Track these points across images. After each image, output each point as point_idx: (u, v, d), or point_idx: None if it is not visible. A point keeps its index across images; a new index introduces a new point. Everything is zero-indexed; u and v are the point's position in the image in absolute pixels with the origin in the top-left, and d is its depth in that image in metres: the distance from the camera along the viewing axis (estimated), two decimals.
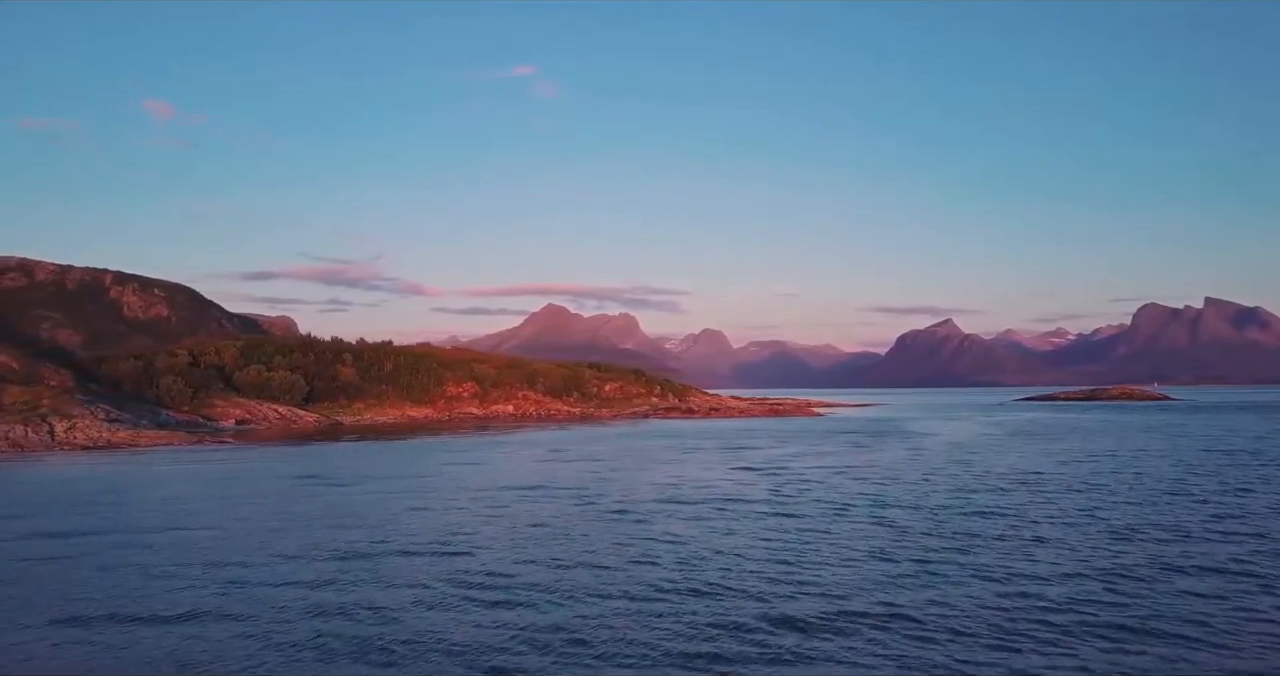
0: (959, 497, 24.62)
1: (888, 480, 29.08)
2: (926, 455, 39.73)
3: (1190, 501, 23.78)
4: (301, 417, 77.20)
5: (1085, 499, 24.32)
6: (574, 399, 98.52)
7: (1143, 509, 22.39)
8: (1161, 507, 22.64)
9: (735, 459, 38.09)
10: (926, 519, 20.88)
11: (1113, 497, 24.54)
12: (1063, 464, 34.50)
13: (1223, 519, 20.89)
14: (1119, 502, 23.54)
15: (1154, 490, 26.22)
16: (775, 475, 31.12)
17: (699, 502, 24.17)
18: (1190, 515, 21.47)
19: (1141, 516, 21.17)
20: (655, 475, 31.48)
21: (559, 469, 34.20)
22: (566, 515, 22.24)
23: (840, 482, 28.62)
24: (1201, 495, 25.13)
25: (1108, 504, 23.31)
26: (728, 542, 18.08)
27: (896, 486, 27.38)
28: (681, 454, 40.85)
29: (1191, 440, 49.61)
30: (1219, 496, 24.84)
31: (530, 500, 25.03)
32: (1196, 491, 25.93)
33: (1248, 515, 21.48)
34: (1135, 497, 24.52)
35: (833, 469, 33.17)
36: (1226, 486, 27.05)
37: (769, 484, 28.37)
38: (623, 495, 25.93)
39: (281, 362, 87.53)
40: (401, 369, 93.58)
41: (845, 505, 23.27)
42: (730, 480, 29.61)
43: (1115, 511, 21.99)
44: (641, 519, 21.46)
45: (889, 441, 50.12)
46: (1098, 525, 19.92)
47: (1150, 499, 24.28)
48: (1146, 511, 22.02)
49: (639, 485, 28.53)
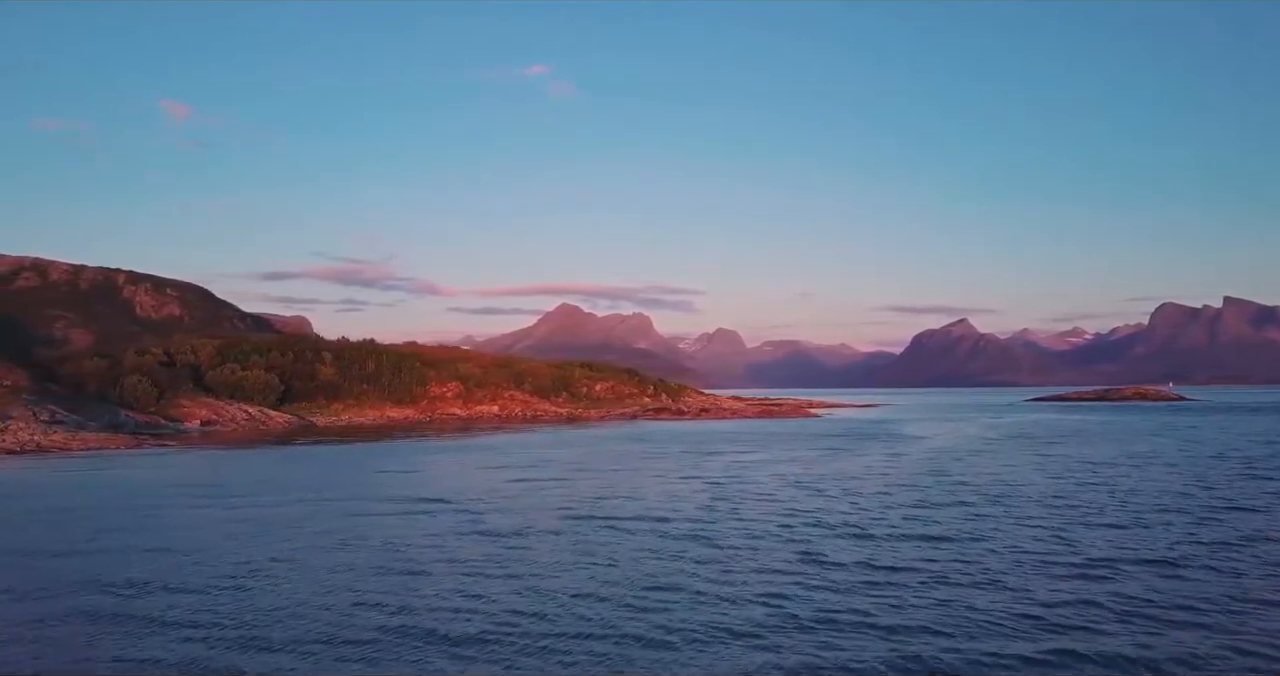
0: (914, 518, 21.18)
1: (843, 494, 25.67)
2: (903, 462, 36.28)
3: (1187, 523, 20.30)
4: (271, 418, 74.20)
5: (1062, 519, 20.85)
6: (563, 399, 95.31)
7: (1127, 534, 18.91)
8: (1151, 532, 19.18)
9: (693, 467, 34.73)
10: (860, 547, 17.48)
11: (1096, 518, 21.06)
12: (1050, 474, 30.99)
13: (1221, 546, 17.44)
14: (1101, 525, 20.06)
15: (1147, 507, 22.74)
16: (721, 486, 27.75)
17: (603, 521, 20.81)
18: (1183, 540, 18.04)
19: (1122, 545, 17.72)
20: (587, 486, 28.16)
21: (486, 478, 30.93)
22: (427, 536, 18.97)
23: (789, 496, 25.24)
24: (1200, 513, 21.65)
25: (1088, 527, 19.86)
26: (578, 580, 14.73)
27: (848, 502, 23.96)
28: (639, 461, 37.50)
29: (1200, 445, 45.97)
30: (1220, 515, 21.35)
31: (408, 519, 21.73)
32: (1196, 509, 22.45)
33: (1251, 540, 18.02)
34: (1122, 518, 21.04)
35: (790, 479, 29.78)
36: (1230, 502, 23.52)
37: (706, 498, 25.00)
38: (523, 512, 22.59)
39: (258, 362, 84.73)
40: (383, 368, 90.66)
41: (773, 527, 19.88)
42: (667, 493, 26.25)
43: (1094, 537, 18.53)
44: (511, 544, 18.17)
45: (871, 446, 46.66)
46: (1068, 557, 16.48)
47: (1139, 519, 20.79)
48: (1130, 537, 18.56)
49: (553, 499, 25.20)
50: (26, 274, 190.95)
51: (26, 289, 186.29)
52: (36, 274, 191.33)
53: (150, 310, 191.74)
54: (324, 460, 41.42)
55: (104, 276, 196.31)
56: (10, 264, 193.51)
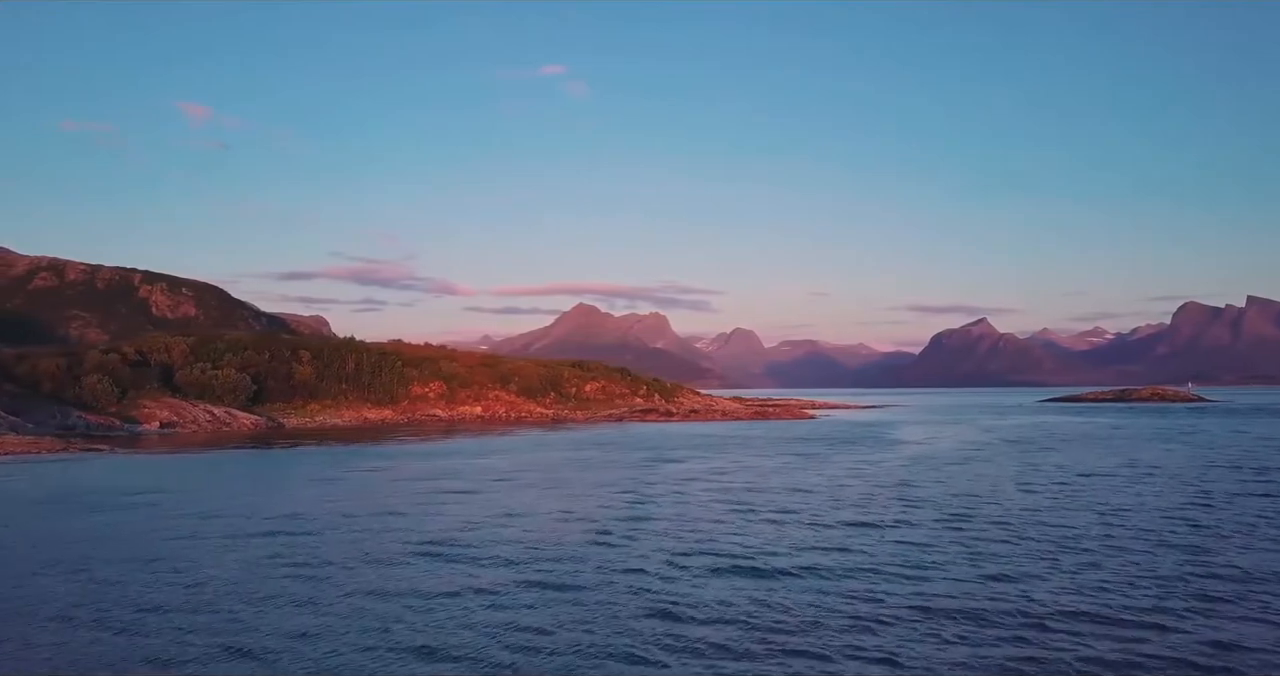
0: (837, 548, 17.53)
1: (774, 515, 21.98)
2: (871, 472, 32.54)
3: (1175, 560, 16.55)
4: (237, 420, 71.12)
5: (1018, 552, 17.16)
6: (550, 400, 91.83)
7: (1091, 576, 15.20)
8: (1126, 572, 15.50)
9: (632, 479, 31.10)
10: (731, 591, 13.89)
11: (1062, 552, 17.34)
12: (1029, 490, 27.18)
13: (1211, 598, 13.75)
14: (1064, 561, 16.35)
15: (1130, 535, 19.01)
16: (642, 505, 24.09)
17: (438, 555, 17.22)
18: (1164, 584, 14.40)
19: (1081, 589, 14.09)
20: (495, 502, 24.61)
21: (386, 493, 27.39)
22: (238, 566, 15.53)
23: (710, 517, 21.65)
24: (1195, 544, 17.92)
25: (1047, 561, 16.19)
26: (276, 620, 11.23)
27: (770, 526, 20.27)
28: (577, 472, 33.85)
29: (1213, 451, 41.99)
30: (1219, 548, 17.60)
31: (236, 542, 18.31)
32: (1191, 537, 18.74)
33: (1248, 587, 14.34)
34: (1093, 551, 17.29)
35: (728, 495, 26.10)
36: (1234, 530, 19.72)
37: (604, 521, 21.33)
38: (362, 538, 19.10)
39: (232, 361, 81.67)
40: (363, 367, 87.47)
41: (657, 564, 16.28)
42: (563, 515, 22.57)
43: (1047, 579, 14.87)
44: (323, 574, 14.76)
45: (849, 452, 42.93)
46: (1000, 610, 12.84)
47: (1115, 554, 17.06)
48: (1096, 580, 14.88)
49: (437, 518, 21.68)
50: (43, 274, 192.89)
51: (43, 289, 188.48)
52: (53, 274, 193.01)
53: (166, 310, 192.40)
54: (256, 466, 38.24)
55: (120, 276, 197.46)
56: (28, 264, 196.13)
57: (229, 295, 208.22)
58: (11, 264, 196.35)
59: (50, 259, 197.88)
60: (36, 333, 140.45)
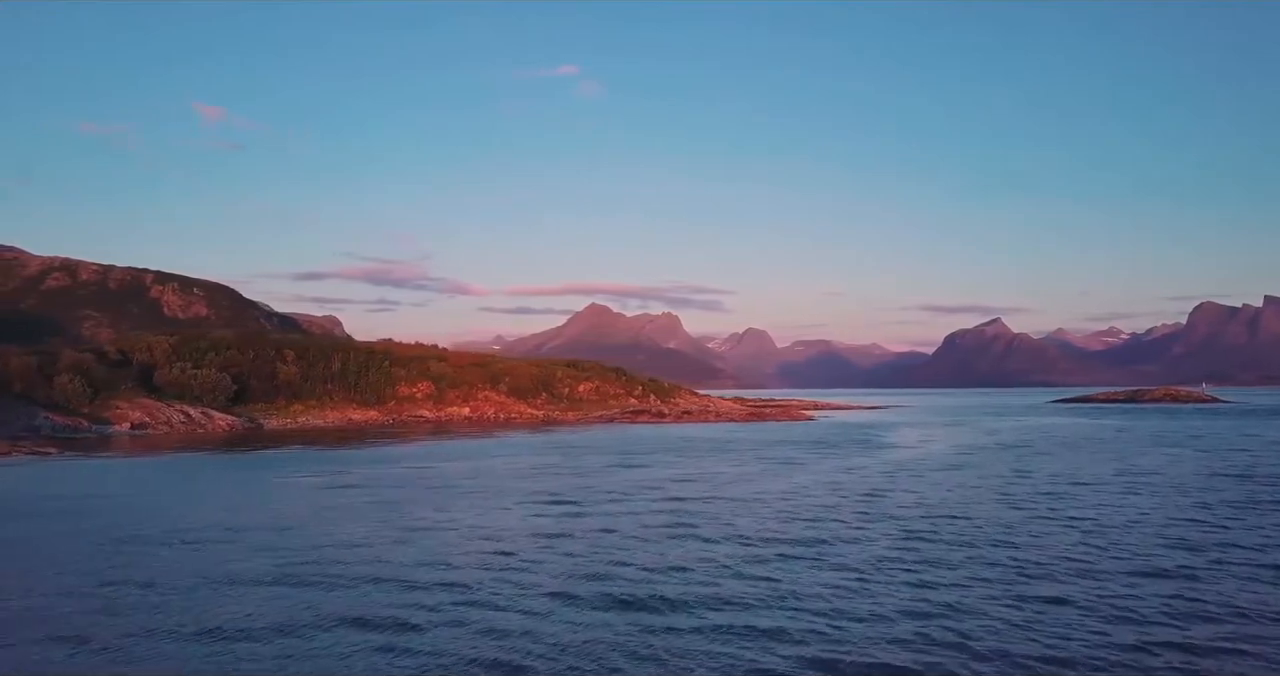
0: (762, 580, 15.04)
1: (714, 533, 19.49)
2: (848, 479, 30.03)
3: (1159, 592, 14.09)
4: (213, 421, 69.08)
5: (980, 587, 14.67)
6: (541, 400, 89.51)
7: (1054, 622, 12.77)
8: (1103, 624, 13.03)
9: (587, 486, 28.73)
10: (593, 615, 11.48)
11: (1036, 582, 14.90)
12: (1011, 502, 24.63)
13: (1198, 655, 11.28)
14: (1032, 606, 13.84)
15: (1111, 557, 16.58)
16: (582, 518, 21.70)
17: (320, 574, 15.01)
18: (1144, 626, 11.95)
19: (1031, 630, 11.64)
20: (407, 516, 22.23)
21: (311, 499, 25.08)
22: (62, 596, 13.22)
23: (645, 534, 19.23)
24: (1189, 572, 15.43)
25: (1007, 610, 13.71)
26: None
27: (697, 550, 17.77)
28: (531, 478, 31.47)
29: (1221, 457, 39.32)
30: (1211, 577, 15.12)
31: (109, 554, 16.03)
32: (1182, 560, 16.31)
33: (1244, 627, 11.86)
34: (1068, 585, 14.81)
35: (677, 507, 23.68)
36: (1239, 551, 17.24)
37: (530, 531, 19.00)
38: (257, 553, 16.84)
39: (213, 360, 79.65)
40: (350, 367, 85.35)
41: (536, 596, 13.88)
42: (480, 529, 20.24)
43: (1005, 633, 12.42)
44: (147, 601, 12.44)
45: (834, 456, 40.42)
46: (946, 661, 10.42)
47: (1091, 584, 14.62)
48: (1058, 622, 12.44)
49: (324, 535, 19.33)
50: (56, 274, 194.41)
51: (56, 289, 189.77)
52: (66, 274, 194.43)
53: (178, 310, 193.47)
54: (200, 471, 36.00)
55: (132, 276, 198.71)
56: (41, 264, 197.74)
57: (240, 295, 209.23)
58: (25, 264, 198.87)
59: (63, 259, 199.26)
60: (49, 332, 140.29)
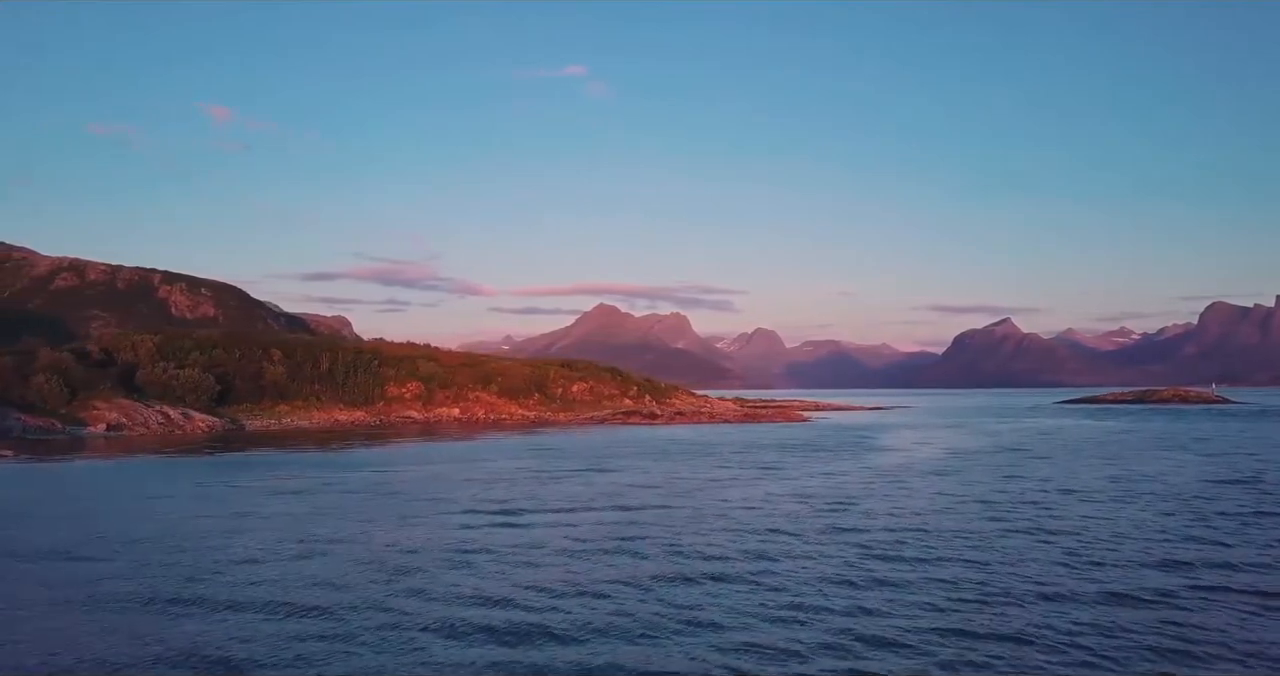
0: (677, 608, 13.20)
1: (651, 548, 17.64)
2: (819, 489, 28.06)
3: (1146, 624, 12.23)
4: (193, 422, 67.50)
5: (925, 622, 12.83)
6: (534, 401, 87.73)
7: (1005, 663, 10.90)
8: (1069, 659, 11.17)
9: (540, 495, 26.93)
10: None
11: (995, 616, 13.01)
12: (992, 513, 22.66)
13: None
14: (984, 649, 12.02)
15: (1096, 583, 14.66)
16: (515, 529, 19.89)
17: (195, 594, 13.22)
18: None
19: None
20: (325, 527, 20.43)
21: (235, 506, 23.29)
22: None
23: (577, 547, 17.40)
24: (1179, 602, 13.50)
25: (954, 658, 11.85)
26: None
27: (626, 568, 15.91)
28: (485, 486, 29.59)
29: (1226, 462, 37.30)
30: (1210, 605, 13.23)
31: None
32: (1176, 588, 14.39)
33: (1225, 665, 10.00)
34: (1031, 620, 12.95)
35: (626, 518, 21.85)
36: (1239, 575, 15.32)
37: (449, 548, 17.18)
38: (141, 570, 15.04)
39: (198, 360, 78.10)
40: (338, 367, 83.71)
41: (411, 628, 12.06)
42: (393, 545, 18.40)
43: (941, 668, 10.56)
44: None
45: (817, 461, 38.50)
46: None
47: (1060, 620, 12.76)
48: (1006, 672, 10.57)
49: (218, 551, 17.53)
50: (65, 274, 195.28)
51: (64, 289, 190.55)
52: (74, 274, 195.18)
53: (185, 310, 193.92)
54: (148, 475, 34.20)
55: (140, 276, 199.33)
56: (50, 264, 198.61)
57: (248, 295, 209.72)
58: (34, 264, 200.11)
59: (71, 259, 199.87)
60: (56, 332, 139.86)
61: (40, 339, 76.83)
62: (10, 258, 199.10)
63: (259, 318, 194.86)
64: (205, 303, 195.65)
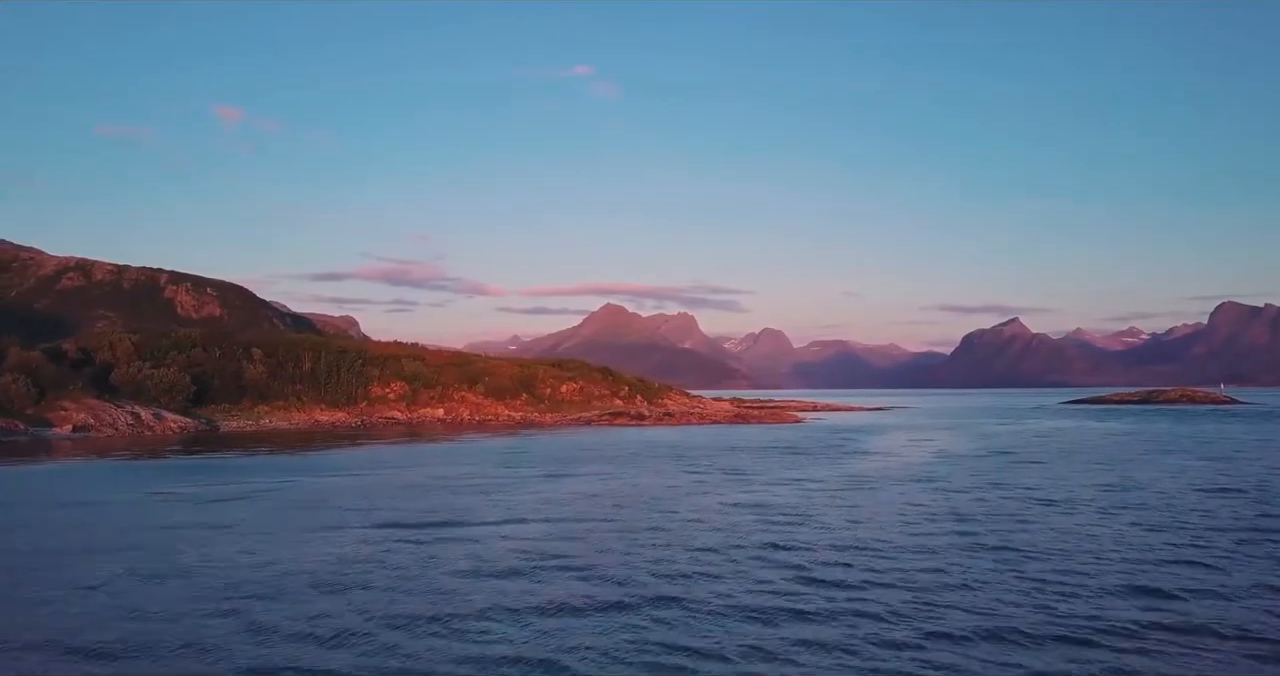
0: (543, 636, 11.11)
1: (558, 571, 15.53)
2: (781, 500, 25.82)
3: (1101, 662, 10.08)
4: (164, 422, 65.57)
5: (850, 646, 10.71)
6: (521, 401, 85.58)
7: None
8: None
9: (476, 504, 24.86)
10: None
11: (934, 642, 10.92)
12: (966, 529, 20.47)
13: None
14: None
15: (1057, 624, 12.51)
16: (425, 544, 17.73)
17: None
18: None
19: None
20: (202, 544, 18.37)
21: (146, 519, 21.24)
22: None
23: (469, 568, 15.30)
24: (1161, 647, 11.36)
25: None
26: None
27: (515, 594, 13.85)
28: (424, 493, 27.55)
29: (1228, 468, 35.01)
30: (1202, 645, 11.09)
31: None
32: (1149, 617, 12.25)
33: None
34: (970, 656, 10.85)
35: (556, 533, 19.75)
36: (1229, 609, 13.15)
37: (334, 567, 15.06)
38: None
39: (176, 359, 76.21)
40: (320, 367, 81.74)
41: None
42: (256, 571, 16.36)
43: None
44: None
45: (793, 466, 36.28)
46: None
47: (1007, 655, 10.63)
48: None
49: (61, 576, 15.47)
50: (71, 274, 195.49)
51: (71, 288, 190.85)
52: (80, 274, 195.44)
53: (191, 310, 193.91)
54: (86, 482, 32.17)
55: (146, 276, 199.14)
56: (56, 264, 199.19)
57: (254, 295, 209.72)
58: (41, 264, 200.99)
59: (78, 259, 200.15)
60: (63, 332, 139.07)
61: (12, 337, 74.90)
62: (18, 258, 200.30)
63: (265, 317, 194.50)
64: (211, 302, 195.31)
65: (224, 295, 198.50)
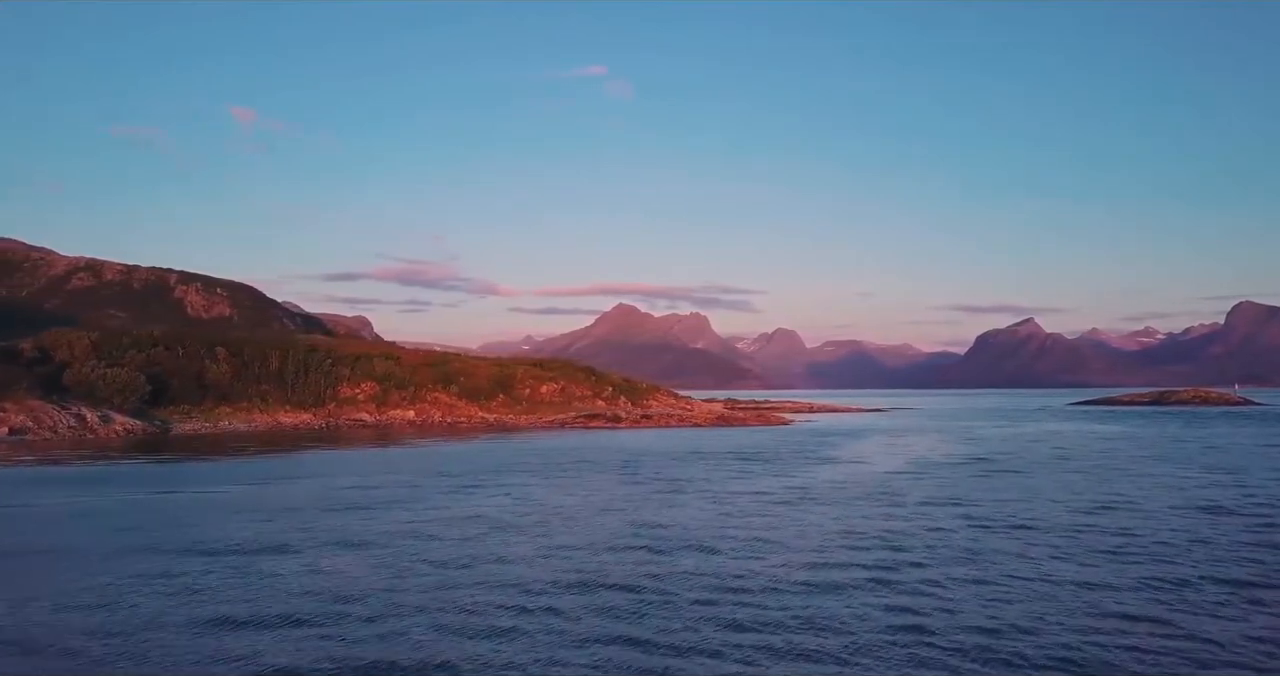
0: None
1: (358, 619, 12.05)
2: (712, 515, 22.31)
3: None
4: (111, 425, 62.36)
5: None
6: (498, 402, 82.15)
7: None
8: None
9: (354, 523, 21.41)
10: None
11: None
12: (888, 565, 16.92)
13: None
14: None
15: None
16: (245, 575, 14.38)
17: None
18: None
19: None
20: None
21: None
22: None
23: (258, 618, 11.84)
24: None
25: None
26: None
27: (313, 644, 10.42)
28: (313, 512, 24.11)
29: (1234, 480, 31.32)
30: None
31: None
32: None
33: None
34: None
35: (427, 560, 16.28)
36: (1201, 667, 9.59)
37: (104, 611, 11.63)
38: None
39: (135, 358, 73.10)
40: (288, 367, 78.54)
41: None
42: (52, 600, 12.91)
43: None
44: None
45: (751, 476, 32.68)
46: None
47: None
48: None
49: None
50: (81, 274, 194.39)
51: (81, 288, 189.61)
52: (91, 273, 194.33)
53: (200, 310, 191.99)
54: None
55: (156, 276, 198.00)
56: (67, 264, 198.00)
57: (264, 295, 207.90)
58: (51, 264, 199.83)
59: (89, 259, 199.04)
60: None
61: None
62: (29, 257, 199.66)
63: (275, 317, 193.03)
64: (221, 302, 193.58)
65: (234, 295, 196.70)
